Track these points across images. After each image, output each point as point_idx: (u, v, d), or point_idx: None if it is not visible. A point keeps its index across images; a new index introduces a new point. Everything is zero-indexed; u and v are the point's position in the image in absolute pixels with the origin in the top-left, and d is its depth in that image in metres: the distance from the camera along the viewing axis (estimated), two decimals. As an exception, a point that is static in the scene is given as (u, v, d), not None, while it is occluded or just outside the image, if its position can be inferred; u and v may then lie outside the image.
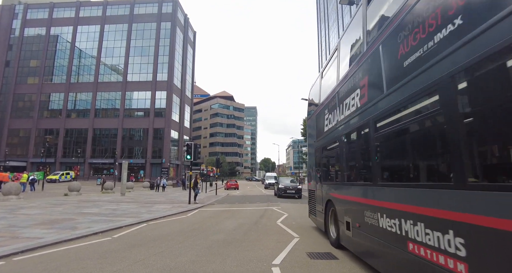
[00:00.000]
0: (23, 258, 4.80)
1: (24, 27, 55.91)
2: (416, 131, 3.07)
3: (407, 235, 2.95)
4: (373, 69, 3.94)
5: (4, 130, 51.10)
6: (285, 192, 19.96)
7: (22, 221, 8.32)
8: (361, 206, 4.23)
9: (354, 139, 4.87)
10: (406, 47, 3.05)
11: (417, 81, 2.84)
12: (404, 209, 3.03)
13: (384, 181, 3.66)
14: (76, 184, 19.76)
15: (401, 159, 3.51)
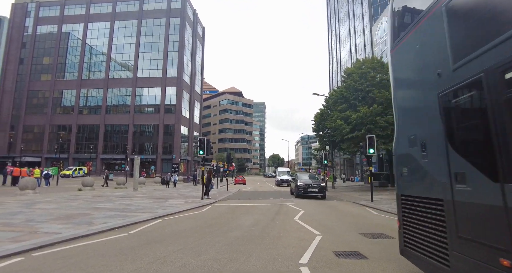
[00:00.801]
0: (42, 253, 4.68)
1: (37, 25, 56.68)
2: None
3: None
4: None
5: (19, 126, 52.21)
6: (306, 190, 16.38)
7: (39, 215, 8.30)
8: None
9: None
10: None
11: None
12: None
13: None
14: (90, 179, 19.92)
15: None
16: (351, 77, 27.22)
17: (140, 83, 52.13)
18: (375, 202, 14.04)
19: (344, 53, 59.71)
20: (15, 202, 11.66)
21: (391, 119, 22.55)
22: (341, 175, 52.64)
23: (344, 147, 26.28)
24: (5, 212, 8.83)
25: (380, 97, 23.96)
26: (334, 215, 10.01)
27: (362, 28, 49.20)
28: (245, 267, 4.06)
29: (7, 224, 6.88)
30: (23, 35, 56.64)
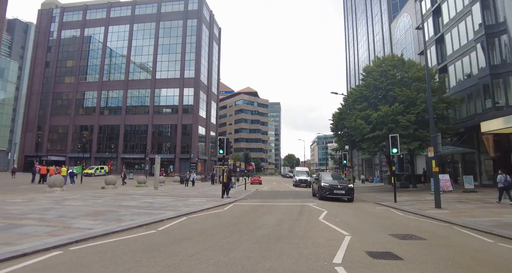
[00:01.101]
0: (78, 248, 4.82)
1: (61, 29, 59.01)
2: None
3: None
4: None
5: (45, 127, 54.54)
6: (331, 192, 14.70)
7: (69, 211, 8.59)
8: None
9: None
10: None
11: None
12: None
13: None
14: (112, 178, 20.48)
15: None
16: (370, 75, 26.63)
17: (159, 84, 53.20)
18: (398, 203, 13.65)
19: (362, 51, 58.58)
20: (46, 198, 12.15)
21: (413, 119, 21.92)
22: (359, 175, 51.64)
23: (365, 147, 25.72)
24: (38, 207, 9.21)
25: (401, 95, 23.32)
26: (359, 215, 9.79)
27: (381, 25, 48.10)
28: (279, 265, 4.01)
29: (42, 219, 7.15)
30: (49, 40, 59.12)
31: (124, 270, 3.75)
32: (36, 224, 6.53)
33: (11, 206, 9.42)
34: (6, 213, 7.95)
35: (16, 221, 6.83)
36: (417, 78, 24.10)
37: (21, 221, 6.85)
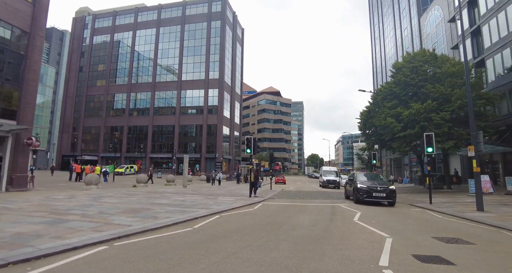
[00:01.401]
0: (121, 244, 4.98)
1: (93, 35, 62.07)
2: None
3: None
4: None
5: (79, 128, 57.66)
6: (370, 195, 12.73)
7: (108, 208, 8.95)
8: None
9: None
10: None
11: None
12: None
13: None
14: (143, 176, 21.19)
15: None
16: (400, 72, 25.61)
17: (185, 86, 54.45)
18: (434, 205, 12.98)
19: (389, 48, 56.48)
20: (84, 195, 12.78)
21: (447, 116, 20.79)
22: (388, 176, 49.87)
23: (395, 146, 24.76)
24: (79, 204, 9.69)
25: (434, 92, 22.24)
26: (394, 217, 9.39)
27: (409, 20, 46.13)
28: (323, 267, 3.90)
29: (85, 215, 7.50)
30: (82, 46, 62.42)
31: (169, 267, 3.80)
32: (80, 220, 6.85)
33: (56, 202, 9.99)
34: (53, 208, 8.44)
35: (62, 216, 7.21)
36: (451, 73, 22.85)
37: (66, 216, 7.23)
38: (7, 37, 16.50)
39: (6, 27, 16.42)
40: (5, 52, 16.37)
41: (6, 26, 16.35)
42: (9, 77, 16.42)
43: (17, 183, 15.69)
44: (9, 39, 16.57)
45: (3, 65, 16.31)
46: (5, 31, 16.34)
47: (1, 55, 16.20)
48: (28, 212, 7.69)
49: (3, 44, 16.21)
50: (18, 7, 16.87)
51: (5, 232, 5.32)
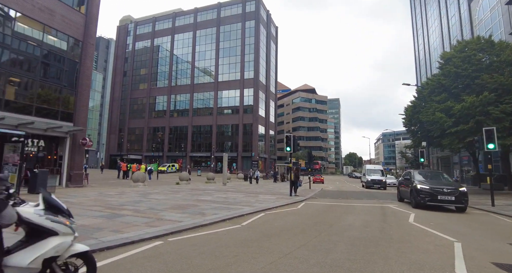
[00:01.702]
0: (175, 239, 5.05)
1: (135, 41, 65.81)
2: None
3: None
4: None
5: (125, 129, 61.54)
6: (434, 198, 10.48)
7: (156, 204, 9.29)
8: None
9: None
10: None
11: None
12: None
13: None
14: (186, 174, 21.93)
15: None
16: (450, 62, 23.61)
17: (221, 87, 55.55)
18: (498, 207, 11.66)
19: (434, 38, 52.41)
20: (133, 192, 13.48)
21: (508, 109, 18.72)
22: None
23: (445, 143, 22.89)
24: (130, 200, 10.20)
25: (492, 83, 20.17)
26: (454, 219, 8.56)
27: (457, 6, 42.35)
28: (389, 272, 3.57)
29: (137, 210, 7.84)
30: (125, 52, 66.49)
31: (226, 264, 3.74)
32: (133, 215, 7.15)
33: (109, 198, 10.63)
34: (108, 204, 8.96)
35: (117, 211, 7.60)
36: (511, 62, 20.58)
37: (120, 211, 7.60)
38: (64, 46, 18.00)
39: (63, 38, 17.91)
40: (63, 60, 17.89)
41: (63, 37, 17.85)
42: (66, 84, 17.92)
43: (75, 179, 17.07)
44: (65, 48, 18.07)
45: (62, 72, 17.84)
46: (61, 42, 17.84)
47: (59, 64, 17.74)
48: (87, 206, 8.23)
49: (61, 53, 17.74)
50: (73, 18, 18.31)
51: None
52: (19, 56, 15.76)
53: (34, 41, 16.28)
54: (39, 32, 16.47)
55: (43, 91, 16.68)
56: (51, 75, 17.26)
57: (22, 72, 15.87)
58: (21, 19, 15.61)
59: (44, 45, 16.62)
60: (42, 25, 16.54)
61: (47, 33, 16.85)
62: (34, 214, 2.36)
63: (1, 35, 14.85)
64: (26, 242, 2.35)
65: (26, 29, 16.00)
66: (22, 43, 15.87)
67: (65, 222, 2.51)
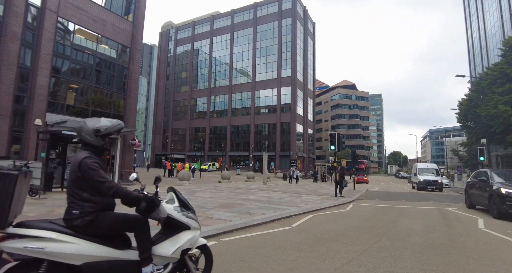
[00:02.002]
0: (228, 240, 5.00)
1: (176, 46, 68.72)
2: None
3: None
4: None
5: (169, 130, 64.66)
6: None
7: (204, 203, 9.43)
8: None
9: None
10: None
11: None
12: None
13: None
14: (227, 173, 22.27)
15: None
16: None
17: (258, 86, 55.75)
18: None
19: (491, 23, 47.07)
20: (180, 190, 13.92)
21: None
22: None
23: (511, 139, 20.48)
24: (178, 198, 10.51)
25: None
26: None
27: (522, -16, 37.56)
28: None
29: (186, 209, 8.00)
30: (168, 56, 69.76)
31: (286, 269, 3.55)
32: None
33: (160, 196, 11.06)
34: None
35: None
36: None
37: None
38: (114, 53, 19.28)
39: (113, 45, 19.20)
40: (113, 66, 19.19)
41: (113, 44, 19.13)
42: (116, 88, 19.19)
43: (125, 177, 18.21)
44: (115, 55, 19.36)
45: (112, 78, 19.14)
46: (111, 49, 19.15)
47: (110, 70, 19.06)
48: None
49: (112, 59, 19.06)
50: (122, 26, 19.51)
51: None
52: (76, 65, 17.19)
53: (89, 50, 17.65)
54: (93, 42, 17.82)
55: (97, 96, 18.01)
56: (103, 81, 18.59)
57: (79, 79, 17.30)
58: (78, 30, 17.01)
59: (97, 53, 17.95)
60: (96, 35, 17.88)
61: (100, 43, 18.18)
62: (174, 210, 2.67)
63: (62, 46, 16.33)
64: (164, 234, 2.62)
65: (82, 39, 17.40)
66: (79, 53, 17.29)
67: (195, 218, 2.80)
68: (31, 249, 1.99)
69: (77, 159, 2.25)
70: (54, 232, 2.11)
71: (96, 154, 2.39)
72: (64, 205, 2.37)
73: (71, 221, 2.19)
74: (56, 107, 15.95)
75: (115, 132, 2.50)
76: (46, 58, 15.17)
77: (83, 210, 2.20)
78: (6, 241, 2.01)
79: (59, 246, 2.07)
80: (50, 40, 15.33)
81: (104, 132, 2.37)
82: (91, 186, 2.23)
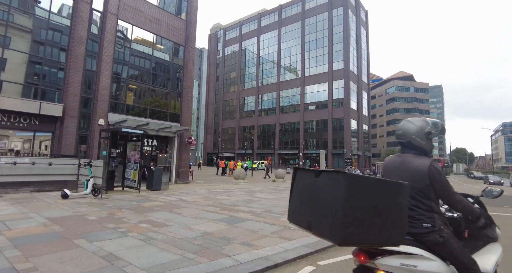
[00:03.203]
0: (327, 263, 3.74)
1: (225, 47, 69.68)
2: None
3: None
4: None
5: (219, 129, 65.91)
6: None
7: (270, 206, 8.31)
8: None
9: None
10: None
11: None
12: None
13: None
14: (282, 172, 21.08)
15: None
16: None
17: (308, 82, 53.60)
18: None
19: None
20: (237, 189, 13.12)
21: None
22: None
23: None
24: (240, 199, 9.60)
25: None
26: None
27: None
28: None
29: (254, 213, 6.96)
30: (217, 58, 71.13)
31: None
32: (253, 219, 6.24)
33: (218, 196, 10.30)
34: (220, 203, 8.46)
35: (234, 213, 6.86)
36: None
37: (237, 213, 6.84)
38: (170, 52, 19.37)
39: (168, 45, 19.30)
40: (169, 65, 19.29)
41: (168, 43, 19.23)
42: (172, 87, 19.26)
43: (182, 176, 18.12)
44: (170, 54, 19.44)
45: (168, 77, 19.25)
46: (166, 48, 19.25)
47: (166, 69, 19.19)
48: (202, 206, 7.82)
49: (167, 59, 19.18)
50: (176, 25, 19.50)
51: (195, 230, 5.04)
52: (133, 66, 17.52)
53: (146, 51, 17.90)
54: (149, 42, 18.04)
55: (154, 96, 18.21)
56: (159, 80, 18.76)
57: (137, 80, 17.62)
58: (135, 31, 17.29)
59: (153, 53, 18.12)
60: (152, 34, 18.06)
61: (156, 42, 18.35)
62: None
63: (121, 48, 16.74)
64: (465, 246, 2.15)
65: (139, 40, 17.69)
66: (137, 54, 17.60)
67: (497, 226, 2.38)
68: (406, 268, 1.85)
69: (422, 164, 1.97)
70: (418, 248, 1.91)
71: None
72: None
73: (422, 236, 1.94)
74: (117, 108, 16.38)
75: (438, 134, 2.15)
76: (108, 60, 15.59)
77: (434, 223, 1.94)
78: (382, 258, 1.86)
79: (427, 264, 1.89)
80: (111, 42, 15.73)
81: (434, 135, 2.10)
82: (438, 196, 2.00)
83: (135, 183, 10.27)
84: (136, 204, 7.73)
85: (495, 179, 40.04)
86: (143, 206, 7.49)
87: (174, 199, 8.97)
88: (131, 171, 10.59)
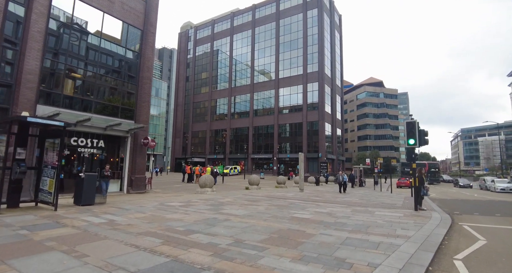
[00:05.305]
0: None
1: (196, 46, 66.41)
2: None
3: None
4: None
5: (189, 132, 62.11)
6: None
7: (242, 230, 5.74)
8: None
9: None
10: None
11: None
12: None
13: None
14: (256, 178, 18.55)
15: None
16: None
17: (282, 84, 51.95)
18: None
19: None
20: (201, 202, 10.34)
21: None
22: None
23: None
24: (199, 218, 6.85)
25: None
26: None
27: None
28: None
29: (215, 247, 4.32)
30: (187, 57, 67.57)
31: None
32: (213, 266, 3.63)
33: (172, 214, 7.47)
34: (168, 227, 5.66)
35: (180, 251, 4.17)
36: None
37: (187, 250, 4.17)
38: (124, 36, 16.25)
39: (124, 27, 16.19)
40: (123, 52, 16.15)
41: (124, 26, 16.12)
42: (125, 77, 16.13)
43: (136, 184, 14.96)
44: (125, 38, 16.30)
45: (121, 64, 16.08)
46: (122, 30, 16.13)
47: (118, 55, 16.02)
48: (134, 236, 5.04)
49: (120, 43, 16.00)
50: (133, 5, 16.48)
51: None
52: (77, 49, 14.20)
53: (94, 32, 14.69)
54: (97, 20, 14.85)
55: (102, 86, 14.98)
56: (110, 68, 15.55)
57: (81, 66, 14.29)
58: (79, 6, 14.05)
59: (101, 35, 14.94)
60: (101, 12, 14.91)
61: (105, 22, 15.18)
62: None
63: (58, 25, 13.43)
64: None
65: (84, 18, 14.44)
66: (81, 35, 14.33)
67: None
68: None
69: None
70: None
71: None
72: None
73: None
74: (51, 99, 12.97)
75: None
76: (38, 37, 12.24)
77: None
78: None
79: None
80: (42, 15, 12.41)
81: None
82: None
83: (51, 196, 7.22)
84: (22, 235, 4.78)
85: (464, 182, 40.88)
86: (31, 239, 4.57)
87: (100, 222, 6.06)
88: (47, 179, 7.50)
